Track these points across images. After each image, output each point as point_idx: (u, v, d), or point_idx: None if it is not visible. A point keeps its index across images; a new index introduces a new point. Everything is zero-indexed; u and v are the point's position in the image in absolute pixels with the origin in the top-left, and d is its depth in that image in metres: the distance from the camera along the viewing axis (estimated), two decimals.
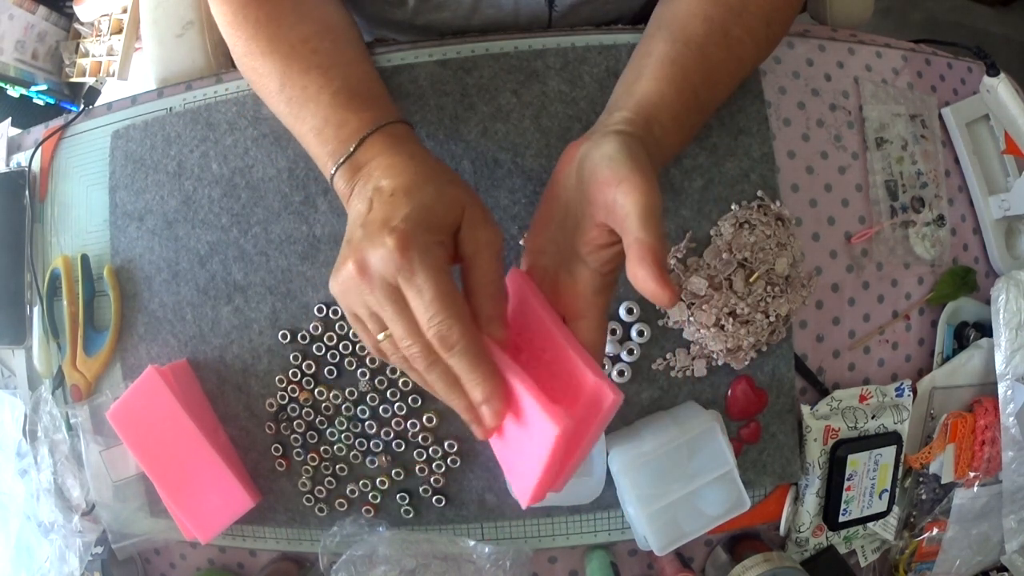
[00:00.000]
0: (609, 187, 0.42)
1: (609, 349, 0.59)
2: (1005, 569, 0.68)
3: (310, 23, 0.54)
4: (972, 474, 0.65)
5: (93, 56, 1.65)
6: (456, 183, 0.45)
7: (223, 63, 0.69)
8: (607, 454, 0.58)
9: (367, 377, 0.60)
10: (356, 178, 0.47)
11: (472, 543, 0.60)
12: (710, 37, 0.51)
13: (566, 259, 0.46)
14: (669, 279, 0.40)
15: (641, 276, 0.40)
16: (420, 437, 0.60)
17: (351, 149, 0.48)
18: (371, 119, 0.49)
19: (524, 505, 0.44)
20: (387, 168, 0.45)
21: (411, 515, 0.61)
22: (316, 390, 0.61)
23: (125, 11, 1.62)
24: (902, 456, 0.62)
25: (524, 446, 0.43)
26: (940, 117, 0.67)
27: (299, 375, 0.61)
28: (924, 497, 0.66)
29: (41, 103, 1.67)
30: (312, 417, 0.61)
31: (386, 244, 0.40)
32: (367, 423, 0.60)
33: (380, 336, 0.43)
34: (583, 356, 0.44)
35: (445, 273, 0.41)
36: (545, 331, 0.45)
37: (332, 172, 0.49)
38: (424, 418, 0.59)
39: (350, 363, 0.60)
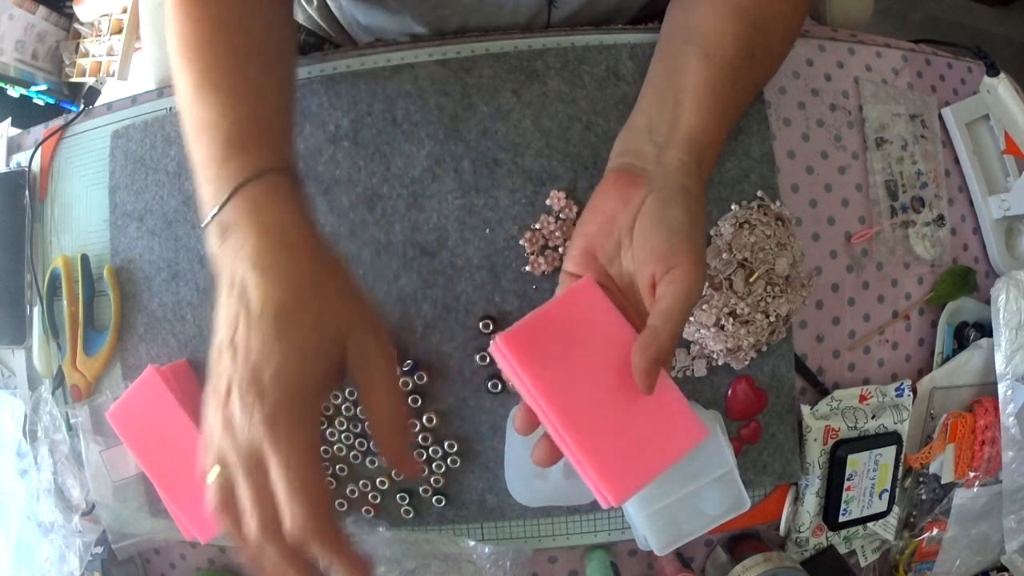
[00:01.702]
0: (660, 263, 0.44)
1: None
2: (1005, 569, 0.68)
3: (248, 36, 0.50)
4: (972, 474, 0.65)
5: (93, 56, 1.66)
6: (335, 293, 0.41)
7: None
8: None
9: None
10: (224, 246, 0.42)
11: (472, 543, 0.60)
12: (741, 60, 0.51)
13: (634, 304, 0.47)
14: (655, 378, 0.43)
15: (636, 361, 0.43)
16: (420, 437, 0.60)
17: (227, 197, 0.43)
18: (252, 164, 0.43)
19: (618, 501, 0.44)
20: (255, 253, 0.40)
21: (411, 515, 0.61)
22: None
23: (125, 11, 1.63)
24: (902, 456, 0.62)
25: (643, 443, 0.44)
26: (940, 117, 0.67)
27: None
28: (924, 497, 0.66)
29: (41, 103, 1.67)
30: None
31: (253, 418, 0.37)
32: (367, 423, 0.60)
33: (212, 475, 0.39)
34: (677, 389, 0.46)
35: (309, 452, 0.38)
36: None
37: (204, 224, 0.44)
38: (424, 418, 0.59)
39: None
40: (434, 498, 0.60)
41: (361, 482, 0.61)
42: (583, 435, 0.44)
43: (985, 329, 0.65)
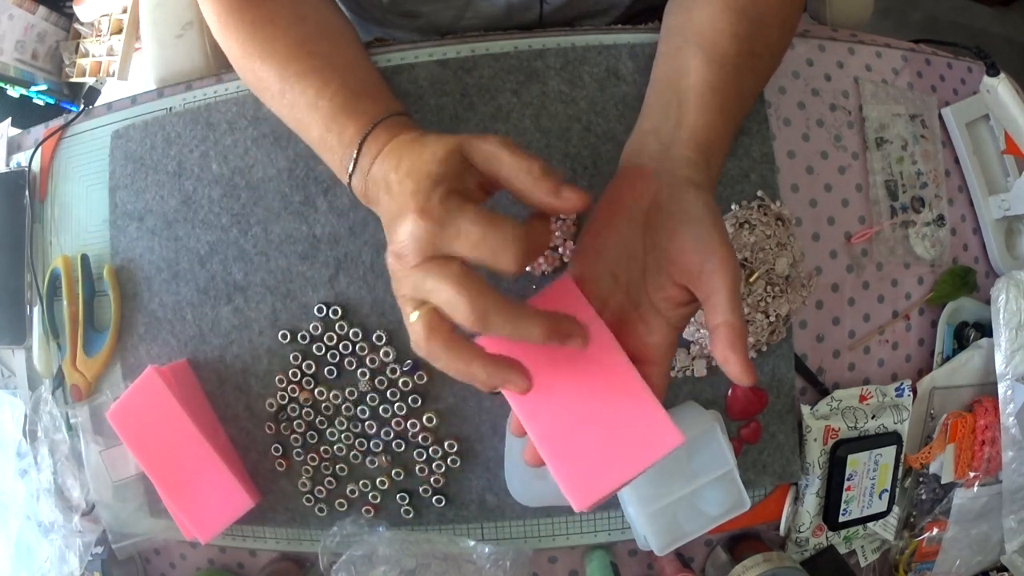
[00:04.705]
0: (695, 255, 0.43)
1: None
2: (1005, 569, 0.68)
3: (307, 24, 0.54)
4: (972, 474, 0.65)
5: (93, 56, 1.66)
6: (448, 136, 0.44)
7: (222, 63, 0.69)
8: None
9: (367, 377, 0.60)
10: (368, 181, 0.47)
11: (472, 543, 0.60)
12: (741, 58, 0.51)
13: (636, 303, 0.46)
14: (751, 365, 0.42)
15: (731, 360, 0.42)
16: (420, 437, 0.60)
17: (355, 155, 0.48)
18: (368, 120, 0.49)
19: (581, 507, 0.44)
20: (388, 159, 0.45)
21: (411, 515, 0.61)
22: (316, 390, 0.61)
23: (125, 11, 1.63)
24: (902, 456, 0.62)
25: (612, 448, 0.44)
26: (940, 117, 0.67)
27: (299, 375, 0.61)
28: (924, 497, 0.66)
29: (41, 103, 1.67)
30: (312, 417, 0.61)
31: (408, 219, 0.39)
32: (367, 423, 0.60)
33: (413, 317, 0.41)
34: (651, 394, 0.45)
35: (474, 206, 0.39)
36: (615, 361, 0.45)
37: (348, 182, 0.49)
38: (424, 418, 0.59)
39: (350, 363, 0.60)
40: (434, 498, 0.60)
41: (361, 482, 0.61)
42: (550, 440, 0.44)
43: (985, 329, 0.65)
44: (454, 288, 0.38)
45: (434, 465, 0.60)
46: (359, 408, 0.60)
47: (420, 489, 0.60)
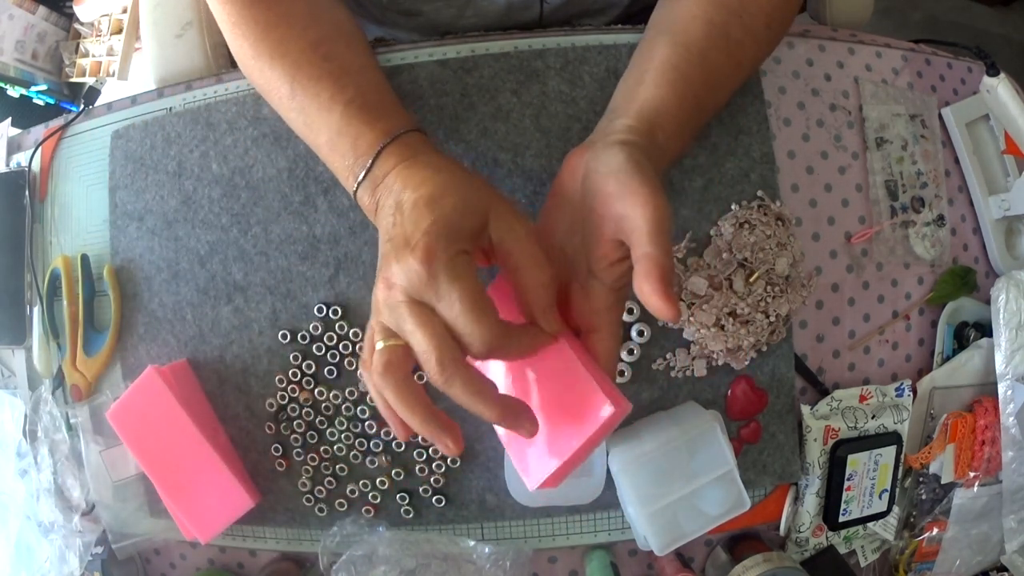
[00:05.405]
0: (618, 201, 0.43)
1: None
2: (1005, 569, 0.68)
3: (322, 26, 0.53)
4: (972, 474, 0.65)
5: (93, 56, 1.66)
6: (478, 187, 0.44)
7: (223, 63, 0.69)
8: (607, 454, 0.58)
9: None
10: (377, 192, 0.46)
11: (472, 543, 0.60)
12: (711, 40, 0.51)
13: (577, 272, 0.46)
14: (674, 295, 0.41)
15: (647, 291, 0.41)
16: (420, 437, 0.60)
17: (369, 163, 0.47)
18: (385, 130, 0.48)
19: (533, 487, 0.44)
20: (407, 179, 0.45)
21: (411, 515, 0.61)
22: (316, 390, 0.61)
23: (125, 11, 1.62)
24: (902, 456, 0.62)
25: (558, 426, 0.44)
26: (940, 117, 0.67)
27: (299, 375, 0.61)
28: (924, 497, 0.66)
29: (41, 103, 1.67)
30: (312, 417, 0.61)
31: (410, 260, 0.40)
32: (367, 423, 0.60)
33: (379, 344, 0.42)
34: (592, 366, 0.45)
35: (472, 280, 0.40)
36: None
37: (354, 188, 0.48)
38: None
39: (350, 363, 0.60)
40: (434, 498, 0.60)
41: (361, 482, 0.61)
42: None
43: (985, 329, 0.65)
44: (430, 343, 0.39)
45: (434, 465, 0.60)
46: (359, 408, 0.60)
47: (420, 489, 0.60)
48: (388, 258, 0.42)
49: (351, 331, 0.60)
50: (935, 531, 0.66)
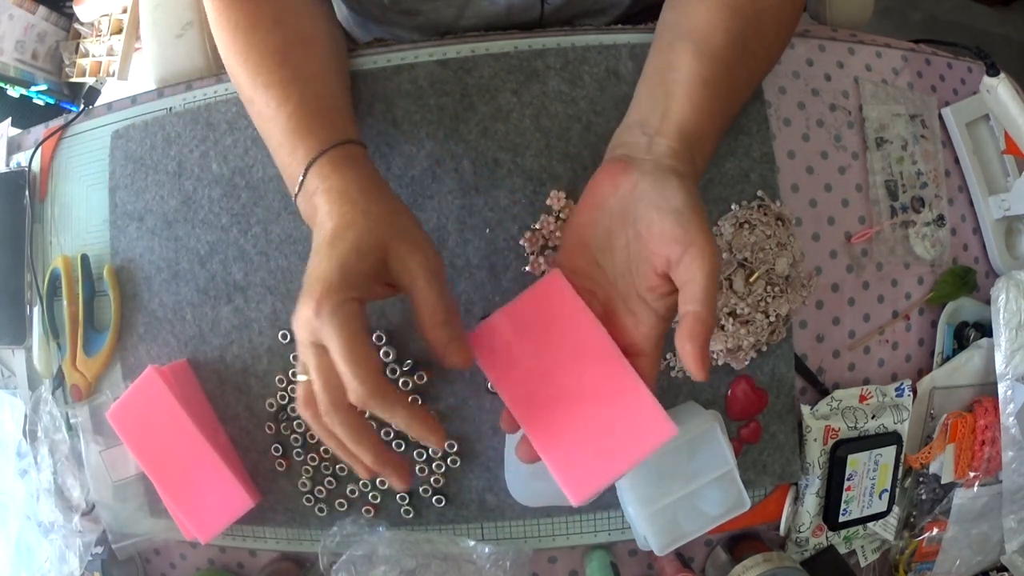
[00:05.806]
0: (674, 243, 0.43)
1: None
2: (1005, 569, 0.68)
3: (284, 31, 0.53)
4: (972, 474, 0.65)
5: (93, 56, 1.66)
6: (379, 219, 0.45)
7: (222, 63, 0.69)
8: None
9: None
10: (310, 207, 0.48)
11: (472, 543, 0.60)
12: (733, 53, 0.51)
13: (623, 295, 0.47)
14: (708, 360, 0.42)
15: (687, 351, 0.42)
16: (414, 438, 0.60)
17: (300, 178, 0.48)
18: (317, 145, 0.49)
19: (578, 501, 0.44)
20: (328, 205, 0.46)
21: (411, 515, 0.61)
22: None
23: (125, 11, 1.63)
24: (902, 456, 0.62)
25: (606, 441, 0.44)
26: (940, 117, 0.67)
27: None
28: (924, 497, 0.66)
29: (41, 103, 1.67)
30: None
31: (303, 307, 0.43)
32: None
33: (300, 378, 0.45)
34: (644, 386, 0.45)
35: (353, 330, 0.42)
36: (607, 354, 0.46)
37: (294, 199, 0.50)
38: None
39: None
40: (434, 498, 0.60)
41: (361, 482, 0.61)
42: (545, 434, 0.44)
43: (985, 329, 0.65)
44: (320, 385, 0.43)
45: (434, 465, 0.60)
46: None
47: (420, 489, 0.60)
48: (303, 287, 0.44)
49: None
50: (935, 531, 0.66)
